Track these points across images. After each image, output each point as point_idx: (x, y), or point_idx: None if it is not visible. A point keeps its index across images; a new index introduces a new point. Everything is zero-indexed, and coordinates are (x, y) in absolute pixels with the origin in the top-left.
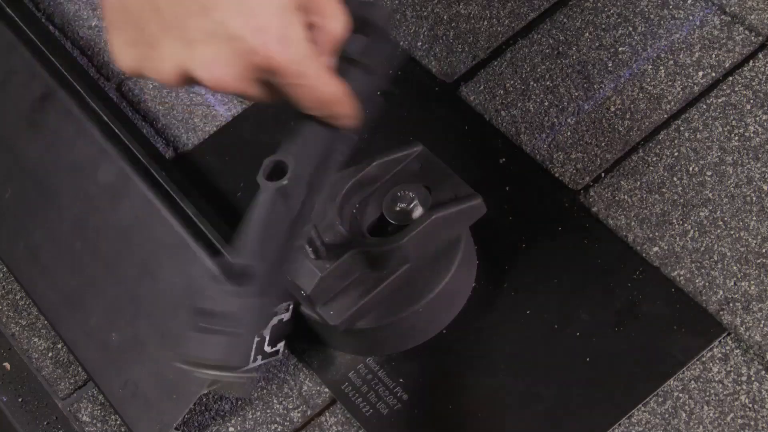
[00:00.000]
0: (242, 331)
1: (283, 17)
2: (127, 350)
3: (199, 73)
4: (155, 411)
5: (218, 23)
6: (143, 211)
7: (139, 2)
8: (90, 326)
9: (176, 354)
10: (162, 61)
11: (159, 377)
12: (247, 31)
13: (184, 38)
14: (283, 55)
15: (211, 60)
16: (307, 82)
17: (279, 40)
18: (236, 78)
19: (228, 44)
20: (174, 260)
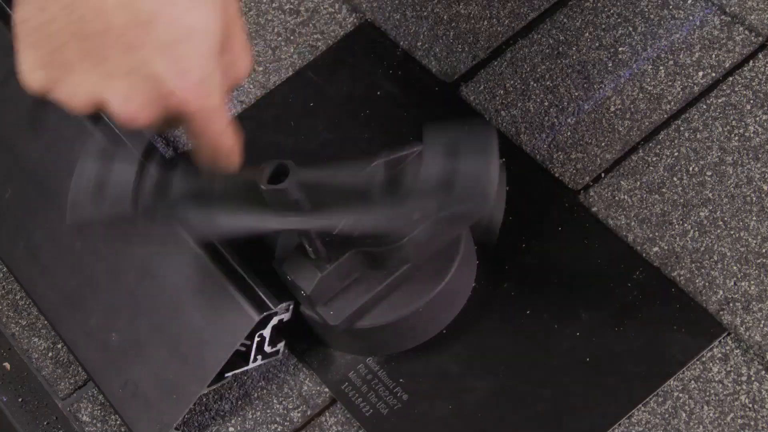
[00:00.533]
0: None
1: (205, 65)
2: (127, 350)
3: (113, 107)
4: (155, 411)
5: (141, 61)
6: None
7: (59, 25)
8: (90, 326)
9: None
10: (76, 88)
11: (159, 377)
12: (170, 74)
13: (104, 70)
14: (198, 103)
15: (128, 96)
16: (210, 131)
17: (198, 86)
18: (148, 116)
19: (147, 83)
20: (174, 260)
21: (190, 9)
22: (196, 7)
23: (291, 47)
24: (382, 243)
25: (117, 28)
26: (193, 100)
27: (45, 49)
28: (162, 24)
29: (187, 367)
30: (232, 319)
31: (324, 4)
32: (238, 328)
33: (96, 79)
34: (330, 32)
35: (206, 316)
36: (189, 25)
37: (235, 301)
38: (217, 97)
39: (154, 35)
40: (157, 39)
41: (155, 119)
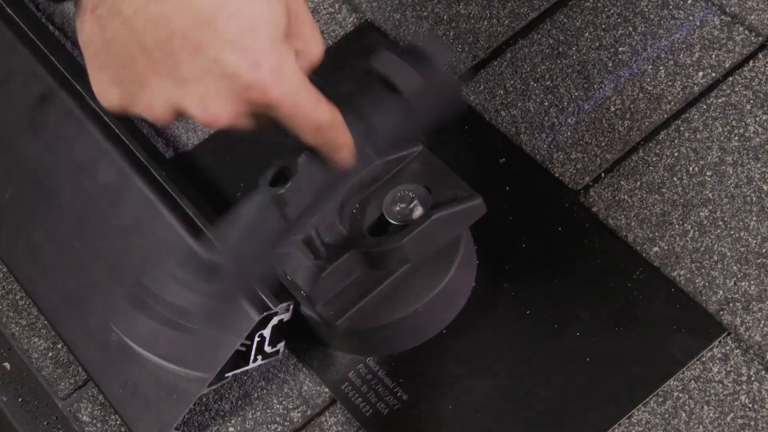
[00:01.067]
0: (191, 327)
1: (275, 51)
2: (127, 350)
3: (193, 111)
4: (155, 411)
5: (212, 61)
6: (143, 211)
7: (124, 40)
8: (90, 326)
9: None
10: (153, 100)
11: (159, 377)
12: (243, 68)
13: (176, 76)
14: (278, 90)
15: (207, 98)
16: (302, 111)
17: (274, 74)
18: (231, 114)
19: (223, 82)
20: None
21: (248, 0)
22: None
23: None
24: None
25: (180, 32)
26: (272, 88)
27: (114, 67)
28: (224, 20)
29: (187, 367)
30: (232, 319)
31: (324, 4)
32: (238, 328)
33: (171, 87)
34: (330, 32)
35: (207, 317)
36: (251, 16)
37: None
38: (296, 80)
39: (218, 33)
40: (223, 36)
41: (240, 116)
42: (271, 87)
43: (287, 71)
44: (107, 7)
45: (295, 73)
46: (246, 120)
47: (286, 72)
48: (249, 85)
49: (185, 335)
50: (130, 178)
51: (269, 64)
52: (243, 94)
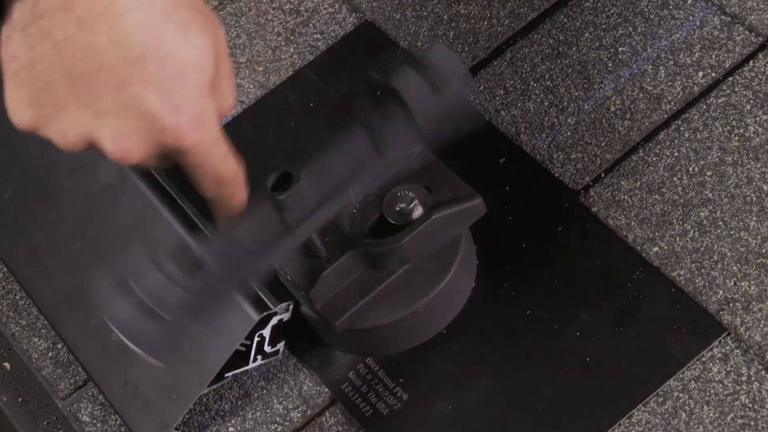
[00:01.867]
0: (167, 319)
1: (199, 99)
2: (127, 350)
3: (106, 144)
4: (155, 411)
5: (134, 98)
6: (143, 211)
7: (49, 63)
8: (90, 326)
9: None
10: (67, 126)
11: (159, 377)
12: (164, 111)
13: (95, 108)
14: (194, 138)
15: (122, 134)
16: (210, 162)
17: (193, 121)
18: (142, 153)
19: (141, 120)
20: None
21: (181, 45)
22: (188, 43)
23: (291, 47)
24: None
25: (108, 66)
26: (189, 135)
27: (34, 88)
28: (154, 61)
29: (187, 367)
30: (232, 319)
31: (324, 4)
32: (237, 328)
33: (88, 117)
34: (330, 32)
35: (207, 317)
36: (181, 61)
37: (234, 301)
38: (213, 129)
39: (146, 72)
40: (150, 76)
41: (150, 155)
42: (188, 134)
43: (205, 120)
44: (39, 28)
45: (213, 123)
46: (154, 161)
47: (205, 121)
48: (167, 128)
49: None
50: (129, 178)
51: (191, 110)
52: (159, 136)
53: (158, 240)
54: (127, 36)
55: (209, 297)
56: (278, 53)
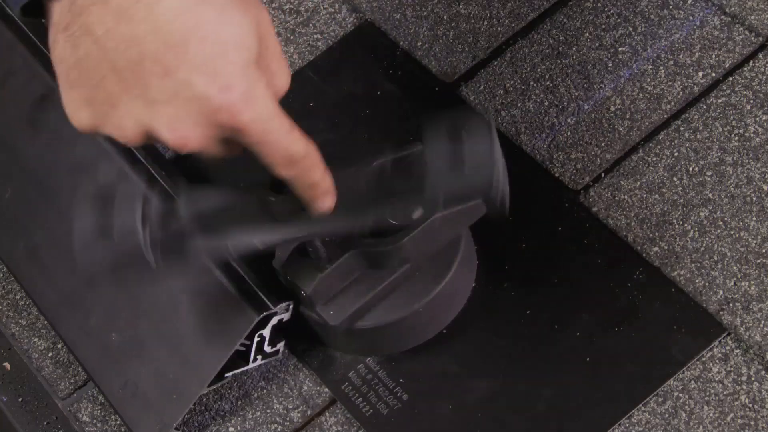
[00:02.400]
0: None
1: (246, 76)
2: (127, 350)
3: (163, 133)
4: (155, 411)
5: (181, 83)
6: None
7: (95, 60)
8: (90, 326)
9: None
10: (123, 120)
11: (159, 377)
12: (213, 91)
13: (146, 98)
14: (248, 114)
15: (176, 120)
16: (273, 139)
17: (244, 98)
18: (201, 137)
19: (192, 104)
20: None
21: (221, 24)
22: (227, 22)
23: (291, 47)
24: (388, 240)
25: (151, 54)
26: (242, 112)
27: (86, 86)
28: (194, 43)
29: (187, 367)
30: (232, 319)
31: (324, 4)
32: (237, 328)
33: (141, 108)
34: (330, 32)
35: (206, 316)
36: (222, 40)
37: (234, 300)
38: (267, 105)
39: (188, 56)
40: (193, 59)
41: (210, 140)
42: (241, 111)
43: (258, 96)
44: (79, 26)
45: (266, 99)
46: (216, 145)
47: (256, 97)
48: (218, 107)
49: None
50: (129, 178)
51: (239, 87)
52: (212, 117)
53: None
54: (165, 21)
55: (176, 245)
56: None
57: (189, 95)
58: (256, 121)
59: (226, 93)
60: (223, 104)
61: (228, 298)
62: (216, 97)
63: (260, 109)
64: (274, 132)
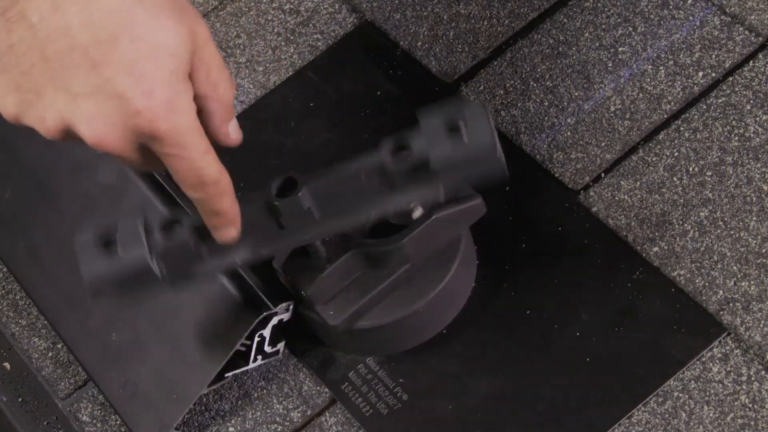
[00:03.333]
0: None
1: (171, 85)
2: (127, 350)
3: (81, 128)
4: (155, 411)
5: (106, 79)
6: (143, 211)
7: (26, 47)
8: (90, 326)
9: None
10: (45, 111)
11: (159, 377)
12: (134, 93)
13: (70, 90)
14: (167, 123)
15: (94, 116)
16: (187, 155)
17: (165, 106)
18: (117, 138)
19: (113, 103)
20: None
21: (154, 29)
22: (161, 27)
23: (291, 47)
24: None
25: (81, 46)
26: (161, 120)
27: (15, 72)
28: (125, 42)
29: (187, 367)
30: (232, 319)
31: (324, 4)
32: (237, 328)
33: (63, 101)
34: (330, 32)
35: (206, 316)
36: (153, 44)
37: (234, 300)
38: (187, 118)
39: (118, 53)
40: (121, 57)
41: (127, 144)
42: (160, 118)
43: (179, 107)
44: (16, 12)
45: (189, 112)
46: (134, 152)
47: (177, 108)
48: (137, 111)
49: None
50: (129, 178)
51: (162, 94)
52: (130, 119)
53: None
54: (99, 17)
55: (182, 265)
56: (278, 53)
57: (111, 93)
58: (172, 132)
59: (148, 97)
60: (142, 108)
61: (228, 298)
62: (137, 100)
63: (179, 121)
64: (189, 148)
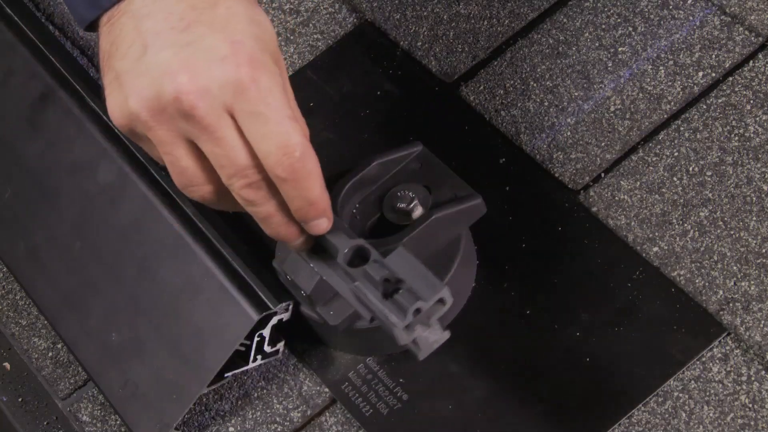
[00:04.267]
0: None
1: (258, 45)
2: (127, 350)
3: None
4: (155, 411)
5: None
6: (143, 211)
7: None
8: (90, 326)
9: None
10: (113, 100)
11: (159, 377)
12: (224, 44)
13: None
14: (250, 73)
15: (192, 65)
16: (272, 115)
17: (249, 59)
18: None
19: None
20: (173, 259)
21: (253, 12)
22: (259, 13)
23: (291, 47)
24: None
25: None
26: (243, 67)
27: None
28: (222, 8)
29: (187, 367)
30: (232, 319)
31: (324, 4)
32: (237, 328)
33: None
34: (330, 32)
35: (206, 316)
36: (248, 15)
37: (234, 300)
38: (272, 77)
39: (216, 16)
40: (218, 21)
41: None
42: (243, 65)
43: (265, 63)
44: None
45: (274, 74)
46: (216, 111)
47: (264, 62)
48: (224, 56)
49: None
50: (129, 178)
51: (249, 48)
52: (218, 67)
53: (158, 240)
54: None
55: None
56: None
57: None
58: (255, 85)
59: (235, 47)
60: (228, 54)
61: (228, 298)
62: (224, 48)
63: (264, 76)
64: (272, 107)
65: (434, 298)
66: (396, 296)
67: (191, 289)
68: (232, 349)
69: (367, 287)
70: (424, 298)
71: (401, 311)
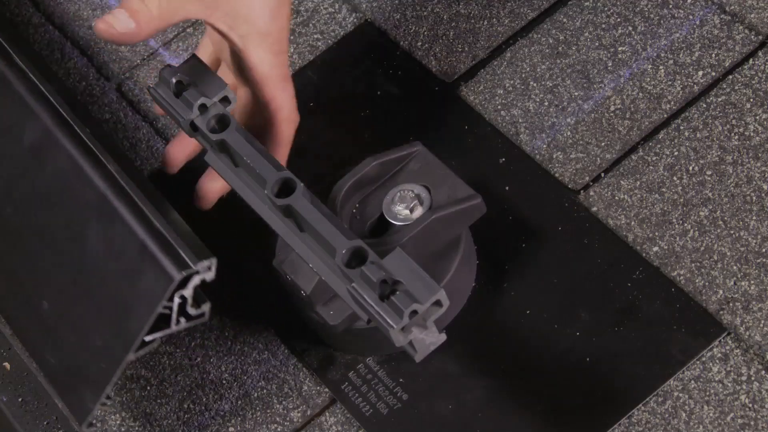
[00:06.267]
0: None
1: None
2: (57, 319)
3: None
4: (86, 380)
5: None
6: (69, 172)
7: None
8: (24, 295)
9: None
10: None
11: (88, 345)
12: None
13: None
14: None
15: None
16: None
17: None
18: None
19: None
20: (98, 221)
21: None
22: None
23: (291, 47)
24: (388, 240)
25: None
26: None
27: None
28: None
29: (113, 333)
30: (152, 280)
31: (324, 4)
32: (158, 289)
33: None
34: (330, 32)
35: (129, 278)
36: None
37: (155, 260)
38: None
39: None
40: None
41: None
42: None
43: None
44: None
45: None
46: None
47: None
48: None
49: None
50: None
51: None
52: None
53: (84, 202)
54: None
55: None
56: None
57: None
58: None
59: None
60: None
61: (149, 258)
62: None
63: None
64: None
65: (430, 301)
66: (393, 298)
67: (116, 251)
68: (155, 312)
69: (363, 288)
70: (421, 301)
71: (397, 313)
